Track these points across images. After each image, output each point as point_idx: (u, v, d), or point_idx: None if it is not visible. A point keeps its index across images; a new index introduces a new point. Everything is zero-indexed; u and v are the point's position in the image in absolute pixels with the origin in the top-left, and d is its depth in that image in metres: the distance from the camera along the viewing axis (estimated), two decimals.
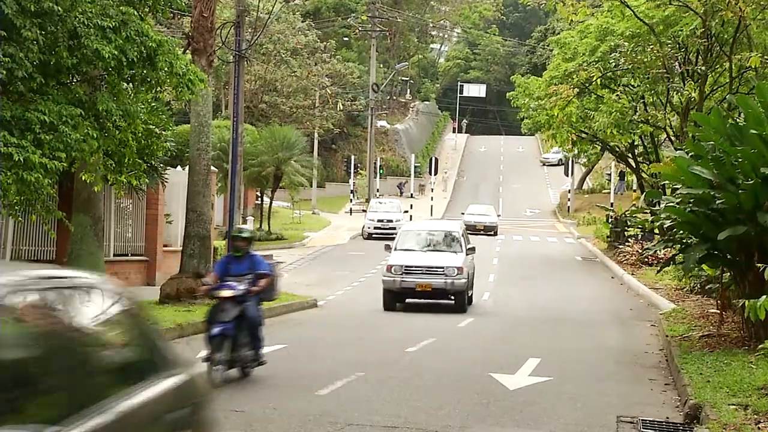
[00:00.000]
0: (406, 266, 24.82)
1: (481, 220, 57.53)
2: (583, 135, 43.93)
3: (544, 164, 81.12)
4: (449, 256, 25.24)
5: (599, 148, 49.63)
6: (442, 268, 24.52)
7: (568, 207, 72.44)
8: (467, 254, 25.37)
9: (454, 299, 25.11)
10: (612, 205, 55.11)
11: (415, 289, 24.97)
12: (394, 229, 52.94)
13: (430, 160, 77.83)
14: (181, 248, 25.04)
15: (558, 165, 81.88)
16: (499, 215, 61.72)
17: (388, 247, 26.41)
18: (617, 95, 37.21)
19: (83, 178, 17.66)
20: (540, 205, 78.81)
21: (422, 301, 25.78)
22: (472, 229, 56.57)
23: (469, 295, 26.19)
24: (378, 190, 71.87)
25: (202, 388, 6.02)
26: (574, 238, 56.24)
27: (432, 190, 73.80)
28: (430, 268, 24.65)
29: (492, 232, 56.26)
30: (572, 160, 66.91)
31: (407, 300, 25.91)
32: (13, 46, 12.10)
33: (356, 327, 21.73)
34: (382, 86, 78.84)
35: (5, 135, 12.00)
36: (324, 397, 12.50)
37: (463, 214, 59.04)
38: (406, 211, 56.96)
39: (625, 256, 39.18)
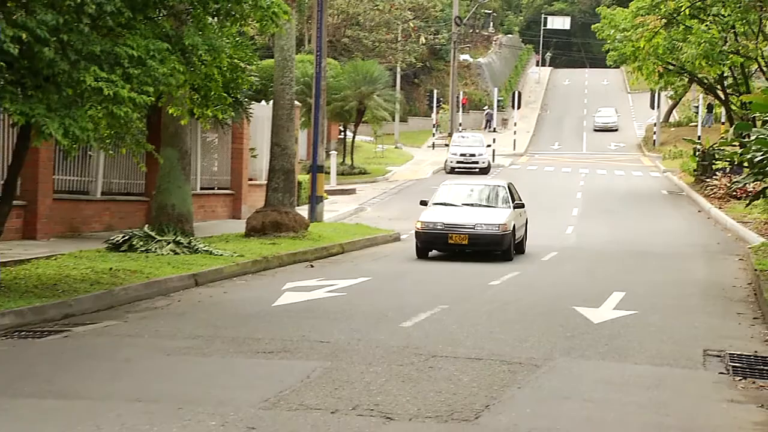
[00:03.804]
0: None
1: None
2: (670, 67, 43.04)
3: (596, 129, 79.52)
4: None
5: (687, 80, 48.61)
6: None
7: (654, 140, 71.25)
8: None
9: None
10: (699, 138, 54.08)
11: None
12: (477, 163, 52.90)
13: (513, 94, 76.96)
14: (265, 182, 25.27)
15: (612, 131, 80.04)
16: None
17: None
18: (707, 25, 36.31)
19: (170, 112, 17.88)
20: (625, 139, 77.65)
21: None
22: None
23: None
24: (461, 124, 71.46)
25: None
26: (660, 172, 55.40)
27: (515, 124, 73.10)
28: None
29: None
30: (658, 93, 65.64)
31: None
32: None
33: (439, 260, 21.77)
34: (465, 19, 77.91)
35: (95, 70, 12.14)
36: (408, 329, 12.57)
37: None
38: (489, 145, 56.58)
39: (712, 189, 38.52)
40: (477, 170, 51.89)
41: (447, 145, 59.35)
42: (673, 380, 10.14)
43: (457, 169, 51.99)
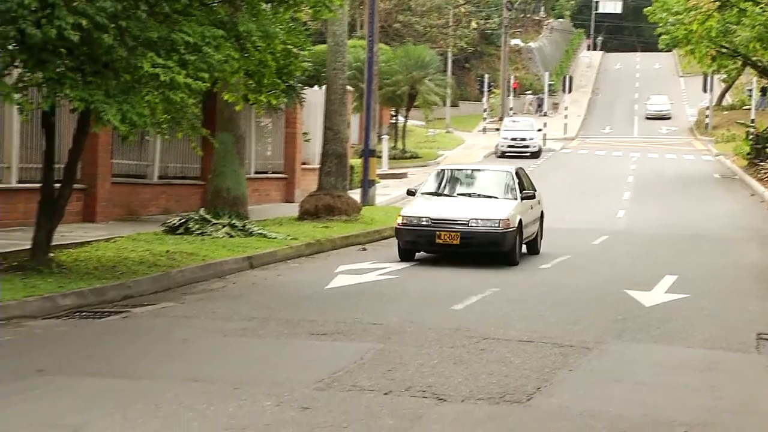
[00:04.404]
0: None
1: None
2: (724, 50, 42.41)
3: (648, 118, 78.18)
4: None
5: (740, 63, 47.92)
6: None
7: (706, 124, 70.32)
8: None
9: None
10: (753, 121, 53.31)
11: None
12: (528, 147, 52.67)
13: (564, 78, 76.34)
14: (318, 166, 25.33)
15: (665, 119, 78.72)
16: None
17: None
18: (761, 8, 35.68)
19: (225, 98, 17.96)
20: (676, 123, 76.78)
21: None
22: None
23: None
24: (511, 109, 71.06)
25: None
26: (712, 156, 54.71)
27: (566, 108, 72.56)
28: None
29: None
30: (711, 76, 64.77)
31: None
32: None
33: None
34: (516, 4, 77.42)
35: (152, 56, 12.24)
36: (459, 311, 12.58)
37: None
38: (540, 130, 56.25)
39: (766, 173, 37.96)
40: (528, 154, 51.71)
41: (498, 130, 59.11)
42: (725, 364, 10.05)
43: (507, 153, 51.79)
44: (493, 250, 17.26)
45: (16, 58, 12.27)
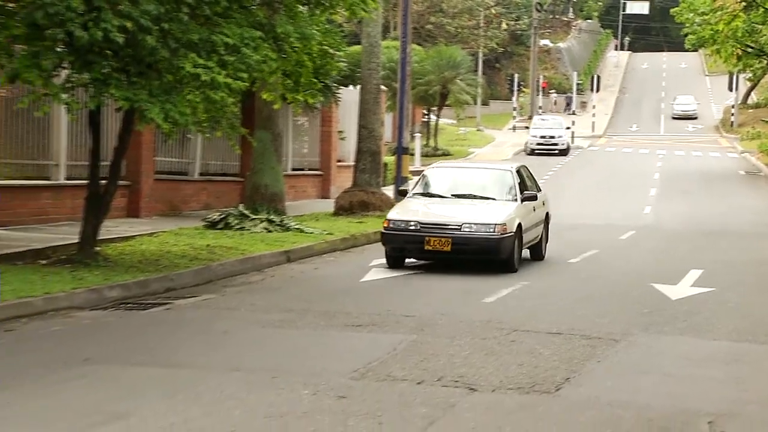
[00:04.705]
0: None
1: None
2: (749, 50, 41.99)
3: (675, 117, 77.23)
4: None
5: (765, 62, 47.41)
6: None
7: (732, 122, 69.70)
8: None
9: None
10: None
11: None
12: (557, 145, 52.44)
13: (592, 77, 75.89)
14: (353, 163, 25.35)
15: (692, 118, 77.79)
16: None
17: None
18: None
19: (263, 97, 18.02)
20: (702, 121, 76.13)
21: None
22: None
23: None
24: (541, 107, 70.77)
25: None
26: (737, 153, 54.22)
27: (594, 107, 72.14)
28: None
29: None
30: (736, 75, 64.16)
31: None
32: None
33: None
34: (546, 5, 77.06)
35: (194, 57, 12.30)
36: (490, 304, 12.55)
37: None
38: (569, 128, 55.99)
39: None
40: (556, 152, 51.57)
41: (527, 128, 58.91)
42: (751, 356, 9.97)
43: (537, 151, 51.67)
44: (488, 257, 15.22)
45: (64, 59, 12.37)
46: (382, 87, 27.43)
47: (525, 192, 16.38)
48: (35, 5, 11.81)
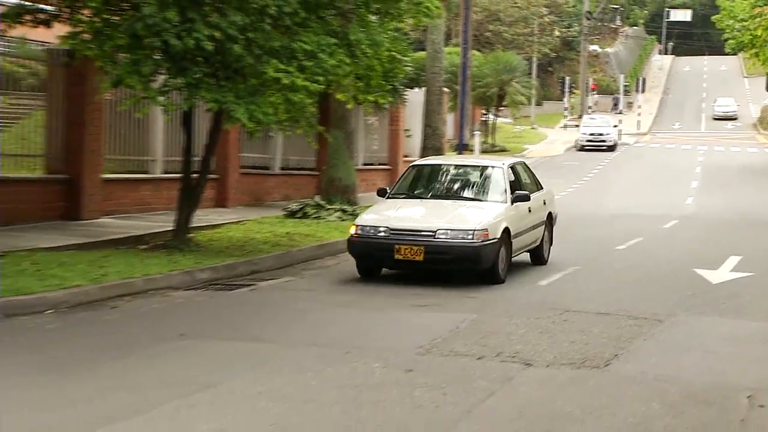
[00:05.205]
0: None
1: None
2: None
3: (715, 118, 75.26)
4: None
5: None
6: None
7: None
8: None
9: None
10: None
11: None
12: (604, 141, 51.78)
13: (638, 79, 74.72)
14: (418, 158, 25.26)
15: (732, 119, 75.73)
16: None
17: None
18: None
19: (338, 98, 18.04)
20: (741, 119, 74.51)
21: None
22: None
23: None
24: (590, 107, 69.89)
25: None
26: None
27: (639, 106, 71.00)
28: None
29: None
30: None
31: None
32: None
33: (571, 228, 21.35)
34: (595, 14, 76.00)
35: (275, 62, 12.36)
36: (544, 287, 12.44)
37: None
38: (616, 126, 55.22)
39: None
40: (604, 148, 51.08)
41: (577, 126, 58.29)
42: None
43: (586, 147, 51.17)
44: (466, 267, 12.31)
45: (160, 66, 12.51)
46: (445, 89, 27.32)
47: (516, 192, 13.32)
48: (136, 18, 11.96)
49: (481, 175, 13.91)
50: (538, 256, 14.48)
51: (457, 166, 14.57)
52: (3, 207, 14.52)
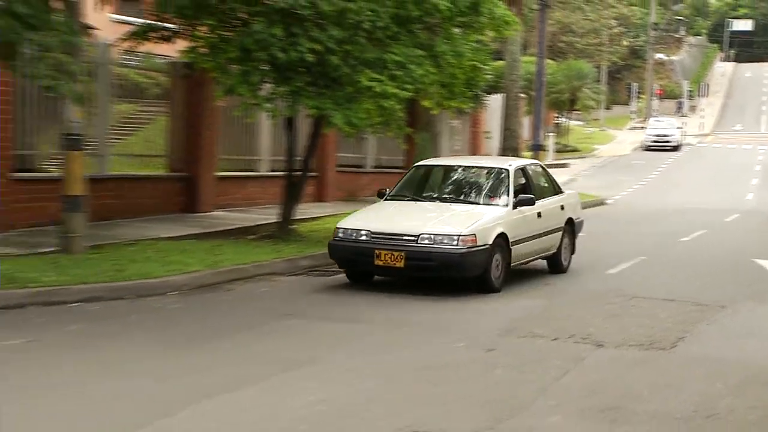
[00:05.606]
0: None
1: None
2: None
3: None
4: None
5: None
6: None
7: None
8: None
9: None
10: None
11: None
12: (669, 142, 50.56)
13: (701, 85, 72.66)
14: None
15: None
16: None
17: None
18: None
19: (424, 104, 17.99)
20: None
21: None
22: None
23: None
24: (656, 111, 68.29)
25: None
26: None
27: (702, 109, 69.04)
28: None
29: None
30: None
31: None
32: (374, 2, 12.44)
33: (638, 221, 20.94)
34: (660, 25, 74.20)
35: (369, 72, 12.40)
36: (613, 275, 12.20)
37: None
38: (680, 128, 53.83)
39: None
40: (669, 148, 49.96)
41: (643, 128, 57.10)
42: None
43: (652, 147, 50.11)
44: (451, 275, 10.42)
45: (267, 76, 12.67)
46: (521, 95, 27.03)
47: (520, 196, 11.32)
48: (246, 34, 12.15)
49: (484, 177, 11.95)
50: (556, 264, 12.32)
51: (461, 168, 12.41)
52: (131, 201, 14.95)
